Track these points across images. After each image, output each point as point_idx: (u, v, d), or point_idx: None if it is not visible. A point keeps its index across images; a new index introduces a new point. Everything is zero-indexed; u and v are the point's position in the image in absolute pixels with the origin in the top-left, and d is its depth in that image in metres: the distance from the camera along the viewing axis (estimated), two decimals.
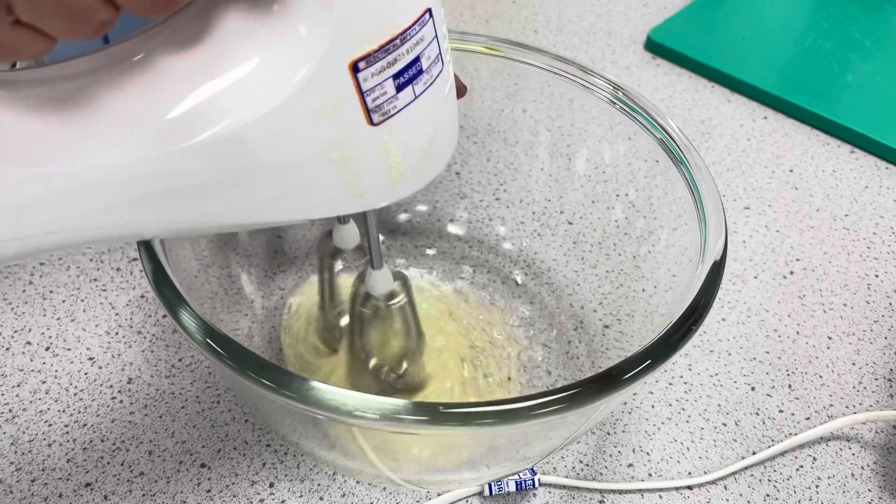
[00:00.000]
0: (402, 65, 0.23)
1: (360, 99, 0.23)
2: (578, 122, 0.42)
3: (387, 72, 0.23)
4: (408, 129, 0.25)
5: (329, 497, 0.37)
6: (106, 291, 0.44)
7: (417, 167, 0.26)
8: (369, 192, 0.26)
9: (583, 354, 0.42)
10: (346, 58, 0.22)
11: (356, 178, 0.25)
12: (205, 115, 0.22)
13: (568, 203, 0.44)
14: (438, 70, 0.25)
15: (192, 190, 0.24)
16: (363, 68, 0.23)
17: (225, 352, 0.26)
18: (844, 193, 0.54)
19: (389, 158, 0.25)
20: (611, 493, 0.37)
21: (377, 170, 0.25)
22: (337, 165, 0.24)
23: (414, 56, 0.24)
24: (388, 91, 0.23)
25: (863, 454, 0.40)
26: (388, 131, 0.24)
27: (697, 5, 0.70)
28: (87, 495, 0.36)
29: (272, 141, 0.23)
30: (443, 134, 0.27)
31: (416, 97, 0.24)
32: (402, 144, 0.25)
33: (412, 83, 0.24)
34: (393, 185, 0.26)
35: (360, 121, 0.24)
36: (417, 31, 0.23)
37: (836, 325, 0.46)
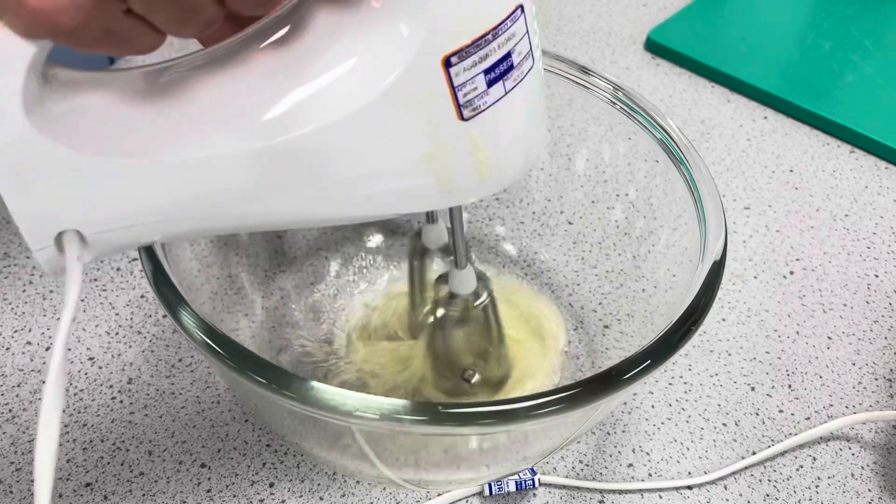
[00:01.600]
0: (493, 60, 0.23)
1: (451, 94, 0.23)
2: (578, 122, 0.42)
3: (478, 67, 0.23)
4: (497, 124, 0.25)
5: (329, 497, 0.37)
6: (106, 291, 0.45)
7: (506, 163, 0.26)
8: (459, 188, 0.26)
9: (583, 354, 0.42)
10: (439, 52, 0.23)
11: (446, 172, 0.25)
12: (302, 111, 0.23)
13: (568, 203, 0.44)
14: (529, 66, 0.25)
15: (289, 183, 0.24)
16: (455, 63, 0.23)
17: (225, 352, 0.26)
18: (844, 193, 0.54)
19: (479, 154, 0.25)
20: (611, 493, 0.37)
21: (466, 165, 0.25)
22: (428, 160, 0.24)
23: (505, 51, 0.24)
24: (479, 86, 0.24)
25: (863, 454, 0.40)
26: (478, 126, 0.24)
27: (697, 5, 0.70)
28: (87, 495, 0.36)
29: (367, 135, 0.24)
30: (532, 130, 0.27)
31: (506, 93, 0.24)
32: (492, 140, 0.25)
33: (503, 79, 0.24)
34: (482, 181, 0.26)
35: (451, 115, 0.24)
36: (509, 27, 0.23)
37: (836, 325, 0.46)
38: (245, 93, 0.23)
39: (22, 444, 0.37)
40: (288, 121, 0.23)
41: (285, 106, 0.23)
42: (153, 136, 0.23)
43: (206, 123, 0.23)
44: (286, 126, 0.23)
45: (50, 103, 0.22)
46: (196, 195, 0.24)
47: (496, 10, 0.23)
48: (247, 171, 0.24)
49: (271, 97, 0.23)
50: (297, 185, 0.24)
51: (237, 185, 0.24)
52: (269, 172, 0.24)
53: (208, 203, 0.24)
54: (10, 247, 0.46)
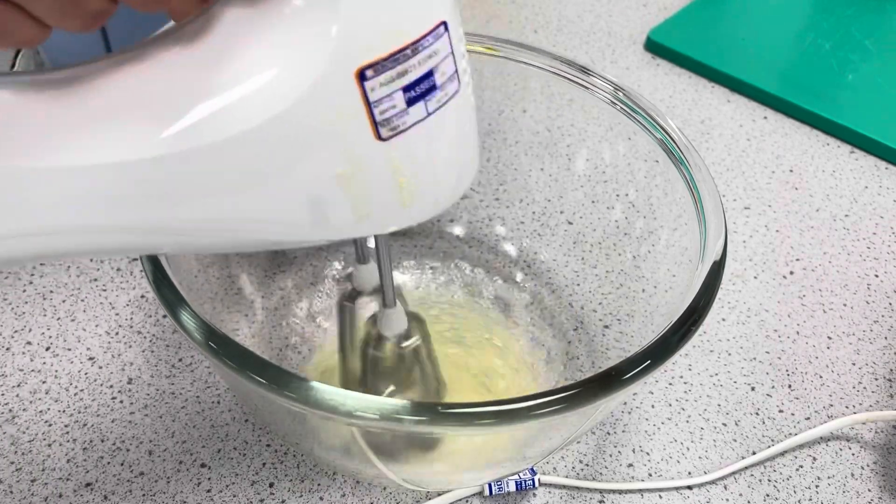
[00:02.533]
0: (413, 77, 0.22)
1: (367, 110, 0.22)
2: (578, 123, 0.42)
3: (396, 83, 0.22)
4: (419, 148, 0.24)
5: (329, 497, 0.37)
6: (106, 291, 0.45)
7: (430, 191, 0.25)
8: (377, 215, 0.24)
9: (583, 354, 0.42)
10: (352, 64, 0.21)
11: (363, 197, 0.24)
12: (207, 121, 0.22)
13: (568, 203, 0.44)
14: (454, 90, 0.24)
15: (187, 199, 0.22)
16: (371, 77, 0.22)
17: (225, 352, 0.26)
18: (844, 193, 0.54)
19: (399, 178, 0.24)
20: (611, 493, 0.37)
21: (385, 190, 0.24)
22: (342, 182, 0.23)
23: (426, 70, 0.23)
24: (398, 104, 0.22)
25: (863, 454, 0.40)
26: (398, 148, 0.23)
27: (697, 5, 0.70)
28: (87, 495, 0.36)
29: (275, 149, 0.22)
30: (460, 158, 0.25)
31: (428, 114, 0.23)
32: (413, 164, 0.24)
33: (424, 98, 0.23)
34: (403, 209, 0.25)
35: (367, 134, 0.22)
36: (431, 44, 0.22)
37: (836, 325, 0.46)
38: (149, 96, 0.22)
39: (22, 444, 0.37)
40: (192, 130, 0.21)
41: (189, 114, 0.21)
42: (41, 137, 0.21)
43: (104, 128, 0.22)
44: (190, 135, 0.21)
45: None
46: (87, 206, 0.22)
47: (416, 24, 0.22)
48: (141, 183, 0.22)
49: (176, 102, 0.22)
50: (195, 202, 0.22)
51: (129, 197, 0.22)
52: (164, 186, 0.22)
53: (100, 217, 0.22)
54: None
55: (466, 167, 0.26)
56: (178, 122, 0.21)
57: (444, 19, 0.23)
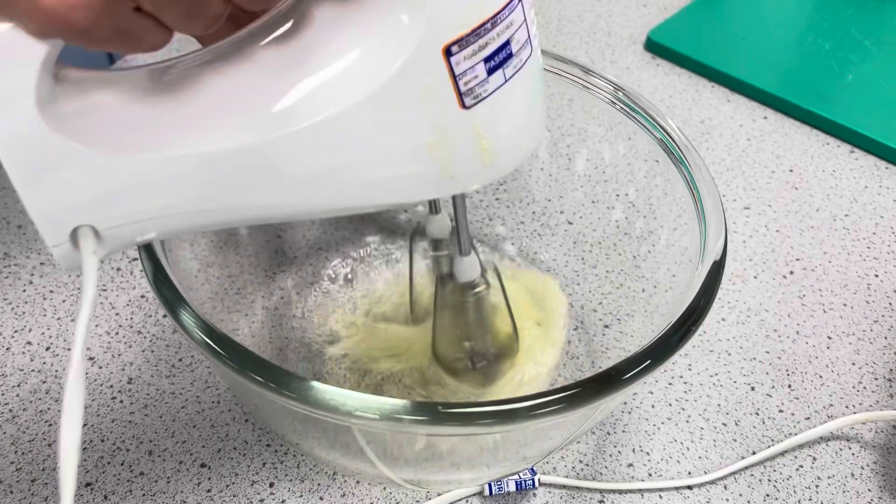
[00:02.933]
0: (492, 48, 0.24)
1: (452, 83, 0.24)
2: (578, 122, 0.42)
3: (478, 55, 0.24)
4: (498, 111, 0.25)
5: (329, 497, 0.37)
6: (106, 291, 0.45)
7: (507, 150, 0.27)
8: (462, 175, 0.26)
9: (583, 354, 0.42)
10: (439, 42, 0.23)
11: (449, 161, 0.25)
12: (306, 103, 0.24)
13: (568, 203, 0.44)
14: (528, 54, 0.25)
15: (296, 174, 0.25)
16: (456, 52, 0.23)
17: (225, 352, 0.26)
18: (844, 193, 0.54)
19: (481, 141, 0.25)
20: (611, 493, 0.37)
21: (469, 153, 0.26)
22: (431, 149, 0.25)
23: (504, 40, 0.24)
24: (480, 74, 0.24)
25: (863, 454, 0.40)
26: (480, 114, 0.25)
27: (697, 5, 0.70)
28: (88, 495, 0.36)
29: (371, 126, 0.24)
30: (531, 116, 0.27)
31: (506, 80, 0.25)
32: (493, 127, 0.25)
33: (502, 66, 0.24)
34: (484, 168, 0.26)
35: (452, 104, 0.24)
36: (507, 15, 0.24)
37: (836, 325, 0.46)
38: (249, 87, 0.24)
39: (22, 444, 0.37)
40: (292, 113, 0.24)
41: (289, 99, 0.24)
42: (161, 131, 0.24)
43: (211, 118, 0.24)
44: (290, 118, 0.24)
45: (62, 102, 0.23)
46: (205, 188, 0.24)
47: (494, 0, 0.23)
48: (253, 163, 0.24)
49: (275, 90, 0.24)
50: (304, 175, 0.25)
51: (245, 176, 0.24)
52: (275, 163, 0.24)
53: (218, 195, 0.25)
54: (10, 247, 0.46)
55: (538, 124, 0.28)
56: (281, 108, 0.24)
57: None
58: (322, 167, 0.25)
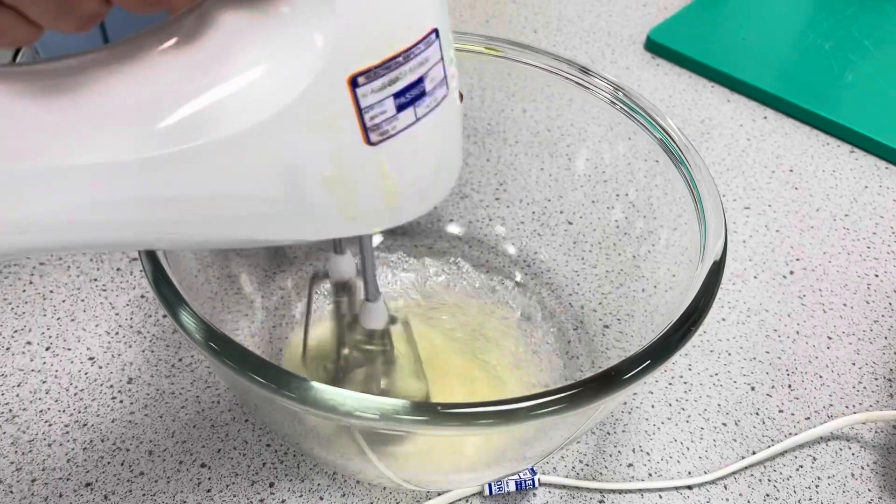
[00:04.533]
0: (403, 84, 0.22)
1: (357, 116, 0.22)
2: (578, 122, 0.42)
3: (387, 90, 0.22)
4: (407, 152, 0.24)
5: (329, 497, 0.37)
6: (106, 291, 0.45)
7: (416, 193, 0.25)
8: (364, 216, 0.25)
9: (583, 354, 0.42)
10: (345, 71, 0.21)
11: (350, 199, 0.24)
12: (197, 122, 0.22)
13: (568, 203, 0.44)
14: (443, 94, 0.24)
15: (177, 199, 0.23)
16: (363, 84, 0.22)
17: (225, 352, 0.26)
18: (844, 193, 0.54)
19: (386, 181, 0.24)
20: (611, 493, 0.37)
21: (372, 192, 0.24)
22: (330, 184, 0.23)
23: (417, 76, 0.23)
24: (388, 110, 0.23)
25: (863, 454, 0.40)
26: (386, 152, 0.23)
27: (697, 5, 0.70)
28: (88, 495, 0.36)
29: (264, 152, 0.22)
30: (445, 161, 0.26)
31: (417, 119, 0.23)
32: (401, 168, 0.24)
33: (414, 104, 0.23)
34: (389, 210, 0.25)
35: (356, 139, 0.23)
36: (422, 51, 0.23)
37: (836, 325, 0.46)
38: (141, 96, 0.22)
39: (22, 444, 0.37)
40: (183, 131, 0.22)
41: (181, 114, 0.22)
42: (38, 137, 0.21)
43: (95, 127, 0.22)
44: (181, 135, 0.22)
45: None
46: (82, 204, 0.22)
47: (409, 32, 0.22)
48: (134, 182, 0.22)
49: (167, 103, 0.22)
50: (186, 200, 0.23)
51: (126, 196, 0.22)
52: (158, 185, 0.22)
53: (96, 213, 0.22)
54: None
55: (451, 168, 0.27)
56: (170, 123, 0.22)
57: (435, 26, 0.23)
58: (209, 192, 0.23)
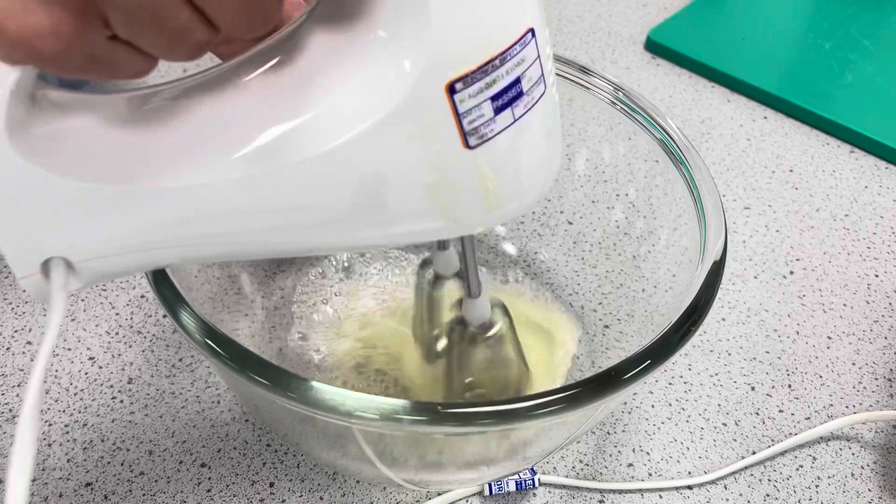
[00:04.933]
0: (500, 86, 0.22)
1: (456, 121, 0.22)
2: (578, 122, 0.42)
3: (485, 93, 0.22)
4: (506, 153, 0.24)
5: (329, 497, 0.37)
6: (106, 291, 0.45)
7: (515, 192, 0.25)
8: (465, 217, 0.25)
9: (583, 354, 0.42)
10: (442, 79, 0.21)
11: (451, 202, 0.24)
12: (296, 138, 0.22)
13: (568, 203, 0.44)
14: (541, 92, 0.24)
15: (282, 212, 0.23)
16: (460, 90, 0.22)
17: (225, 352, 0.26)
18: (844, 193, 0.54)
19: (486, 183, 0.24)
20: (611, 493, 0.37)
21: (473, 194, 0.24)
22: (431, 189, 0.23)
23: (514, 77, 0.23)
24: (486, 113, 0.22)
25: (863, 454, 0.40)
26: (485, 154, 0.23)
27: (697, 5, 0.70)
28: (88, 495, 0.36)
29: (365, 164, 0.23)
30: (544, 157, 0.25)
31: (515, 120, 0.23)
32: (499, 169, 0.24)
33: (511, 106, 0.23)
34: (490, 211, 0.25)
35: (455, 144, 0.23)
36: (518, 52, 0.22)
37: (836, 325, 0.46)
38: (236, 118, 0.23)
39: None
40: (280, 147, 0.22)
41: (278, 132, 0.22)
42: (140, 161, 0.22)
43: (194, 149, 0.23)
44: (278, 152, 0.22)
45: (36, 126, 0.22)
46: (185, 223, 0.23)
47: (504, 36, 0.22)
48: (237, 199, 0.23)
49: (263, 122, 0.22)
50: (290, 213, 0.23)
51: (227, 213, 0.23)
52: (260, 200, 0.23)
53: (198, 231, 0.23)
54: None
55: (551, 164, 0.26)
56: (270, 142, 0.22)
57: (531, 26, 0.23)
58: (311, 206, 0.23)
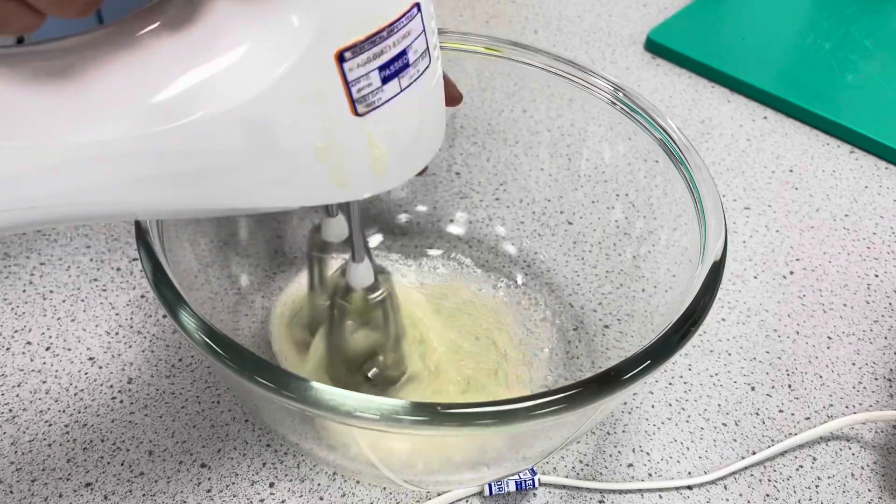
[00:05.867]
0: (388, 57, 0.24)
1: (345, 89, 0.23)
2: (578, 122, 0.42)
3: (373, 63, 0.23)
4: (393, 121, 0.25)
5: (329, 497, 0.37)
6: (106, 291, 0.45)
7: (402, 160, 0.27)
8: (353, 183, 0.26)
9: (583, 354, 0.42)
10: (332, 47, 0.23)
11: (340, 167, 0.25)
12: (191, 98, 0.23)
13: (568, 203, 0.44)
14: (426, 65, 0.25)
15: (176, 172, 0.24)
16: (349, 58, 0.23)
17: (225, 352, 0.26)
18: (844, 193, 0.54)
19: (374, 150, 0.25)
20: (611, 493, 0.37)
21: (361, 160, 0.25)
22: (321, 154, 0.25)
23: (400, 49, 0.24)
24: (374, 82, 0.24)
25: (863, 454, 0.40)
26: (373, 122, 0.25)
27: (697, 5, 0.70)
28: (88, 495, 0.36)
29: (256, 127, 0.23)
30: (429, 128, 0.27)
31: (401, 90, 0.25)
32: (387, 136, 0.25)
33: (398, 76, 0.24)
34: (377, 177, 0.26)
35: (344, 111, 0.24)
36: (405, 25, 0.24)
37: (836, 325, 0.46)
38: (132, 76, 0.23)
39: (22, 444, 0.37)
40: (177, 107, 0.23)
41: (175, 91, 0.23)
42: (37, 119, 0.23)
43: (91, 107, 0.23)
44: (175, 112, 0.23)
45: None
46: (82, 180, 0.23)
47: (391, 8, 0.23)
48: (133, 158, 0.23)
49: (160, 82, 0.23)
50: (184, 173, 0.24)
51: (124, 171, 0.23)
52: (156, 160, 0.23)
53: (94, 189, 0.24)
54: (11, 247, 0.46)
55: (436, 134, 0.28)
56: (163, 101, 0.23)
57: (416, 1, 0.24)
58: (206, 165, 0.24)
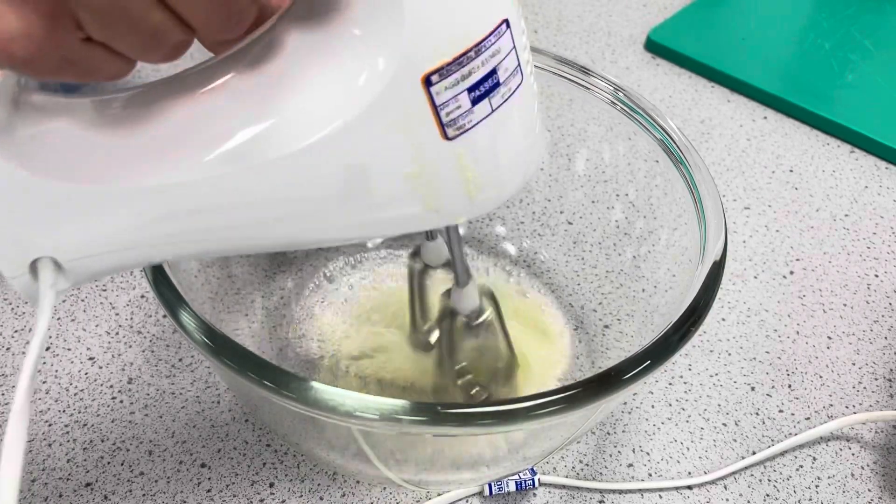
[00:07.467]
0: (477, 77, 0.23)
1: (433, 113, 0.23)
2: (578, 123, 0.42)
3: (461, 85, 0.23)
4: (484, 143, 0.24)
5: (329, 497, 0.37)
6: (106, 291, 0.45)
7: (497, 181, 0.25)
8: (447, 208, 0.25)
9: (583, 354, 0.42)
10: (418, 72, 0.22)
11: (432, 193, 0.24)
12: (274, 134, 0.22)
13: (568, 203, 0.44)
14: (517, 83, 0.24)
15: (263, 208, 0.24)
16: (436, 82, 0.22)
17: (225, 352, 0.26)
18: (844, 193, 0.54)
19: (466, 173, 0.24)
20: (611, 493, 0.37)
21: (454, 185, 0.24)
22: (412, 181, 0.24)
23: (490, 68, 0.23)
24: (463, 104, 0.23)
25: (863, 454, 0.40)
26: (464, 145, 0.24)
27: (697, 5, 0.70)
28: (88, 495, 0.36)
29: (345, 158, 0.23)
30: (524, 147, 0.26)
31: (492, 110, 0.24)
32: (479, 158, 0.24)
33: (489, 96, 0.23)
34: (471, 200, 0.25)
35: (434, 135, 0.23)
36: (493, 43, 0.23)
37: (836, 325, 0.46)
38: (214, 118, 0.23)
39: None
40: (258, 144, 0.22)
41: (255, 129, 0.22)
42: (120, 161, 0.23)
43: (172, 148, 0.23)
44: (256, 150, 0.23)
45: (18, 130, 0.22)
46: (167, 221, 0.23)
47: (478, 27, 0.22)
48: (217, 196, 0.23)
49: (242, 121, 0.23)
50: (271, 208, 0.24)
51: (209, 210, 0.23)
52: (241, 196, 0.23)
53: (182, 228, 0.24)
54: None
55: (532, 153, 0.27)
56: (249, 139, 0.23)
57: (505, 17, 0.23)
58: (294, 200, 0.24)
